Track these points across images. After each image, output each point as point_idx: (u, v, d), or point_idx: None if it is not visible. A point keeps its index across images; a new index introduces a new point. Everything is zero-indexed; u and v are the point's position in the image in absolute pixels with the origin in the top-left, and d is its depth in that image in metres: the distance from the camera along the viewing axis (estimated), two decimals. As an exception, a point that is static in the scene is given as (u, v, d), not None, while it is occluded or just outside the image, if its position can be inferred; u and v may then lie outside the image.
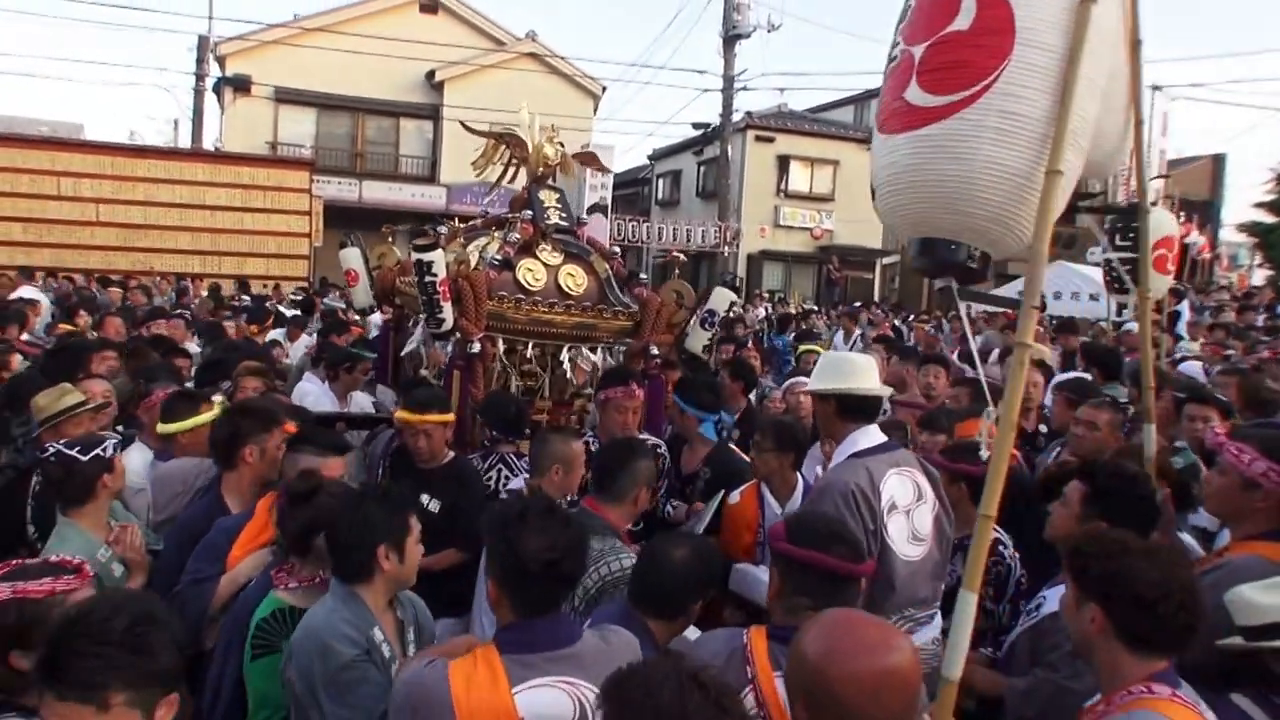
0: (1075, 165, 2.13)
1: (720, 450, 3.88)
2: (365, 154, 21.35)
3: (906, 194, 2.23)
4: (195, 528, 2.71)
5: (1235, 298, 16.63)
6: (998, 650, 2.70)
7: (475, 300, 3.78)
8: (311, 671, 1.94)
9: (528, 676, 1.70)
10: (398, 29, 20.02)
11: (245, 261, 15.08)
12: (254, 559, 2.54)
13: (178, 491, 3.10)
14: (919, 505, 2.68)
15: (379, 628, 2.06)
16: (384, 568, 2.06)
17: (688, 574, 2.14)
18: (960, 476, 2.99)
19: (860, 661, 1.36)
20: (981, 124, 2.03)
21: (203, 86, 19.75)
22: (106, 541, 2.63)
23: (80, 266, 13.37)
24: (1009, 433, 1.99)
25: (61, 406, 3.25)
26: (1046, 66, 2.01)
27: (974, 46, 2.04)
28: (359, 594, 2.06)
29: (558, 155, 4.36)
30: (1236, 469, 2.40)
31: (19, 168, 13.96)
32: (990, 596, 2.86)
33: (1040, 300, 2.19)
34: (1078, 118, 2.04)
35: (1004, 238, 2.15)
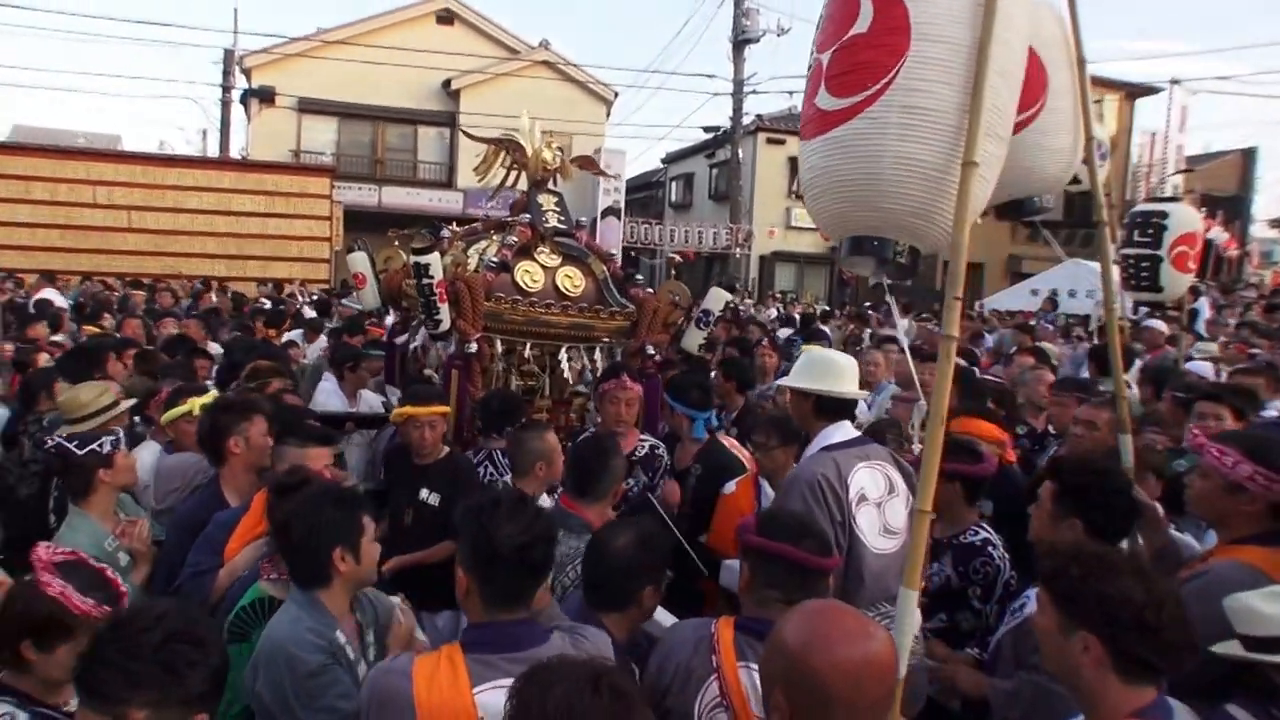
0: (996, 155, 2.12)
1: (711, 446, 3.91)
2: (384, 160, 21.83)
3: (827, 196, 2.25)
4: (194, 519, 2.79)
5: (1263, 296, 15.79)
6: (984, 651, 2.65)
7: (472, 302, 3.86)
8: (281, 683, 1.91)
9: (489, 676, 1.68)
10: (415, 40, 20.55)
11: (269, 265, 15.43)
12: (250, 550, 2.58)
13: (176, 486, 3.22)
14: (890, 499, 2.67)
15: (340, 630, 2.05)
16: (340, 570, 2.04)
17: (630, 562, 2.11)
18: (955, 476, 2.87)
19: (842, 650, 1.37)
20: (885, 121, 2.05)
21: (229, 98, 20.46)
22: (114, 533, 2.72)
23: (114, 270, 13.83)
24: (938, 428, 1.96)
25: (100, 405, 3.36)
26: (947, 59, 2.01)
27: (874, 47, 2.06)
28: (319, 599, 2.05)
29: (556, 160, 4.43)
30: (1219, 472, 2.30)
31: (58, 177, 14.47)
32: (978, 596, 2.86)
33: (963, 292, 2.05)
34: (992, 108, 2.02)
35: (928, 231, 2.15)
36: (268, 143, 20.20)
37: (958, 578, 2.88)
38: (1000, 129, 2.12)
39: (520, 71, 21.99)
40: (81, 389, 3.42)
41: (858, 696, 1.36)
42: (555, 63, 22.50)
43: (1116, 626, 1.57)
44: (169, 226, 15.04)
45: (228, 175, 15.89)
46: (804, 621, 1.44)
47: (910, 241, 2.21)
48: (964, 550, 2.90)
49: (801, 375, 2.85)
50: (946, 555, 2.91)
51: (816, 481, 2.54)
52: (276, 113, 20.48)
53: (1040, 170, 2.75)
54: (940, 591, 2.89)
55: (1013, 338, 9.47)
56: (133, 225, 14.83)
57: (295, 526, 2.04)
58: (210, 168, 16.47)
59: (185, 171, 15.59)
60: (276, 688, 1.91)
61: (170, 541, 2.86)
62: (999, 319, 12.72)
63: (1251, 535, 2.27)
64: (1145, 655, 1.57)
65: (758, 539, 1.94)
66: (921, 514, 1.92)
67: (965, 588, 2.88)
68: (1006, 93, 2.12)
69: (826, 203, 2.26)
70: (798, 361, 3.07)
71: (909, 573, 1.88)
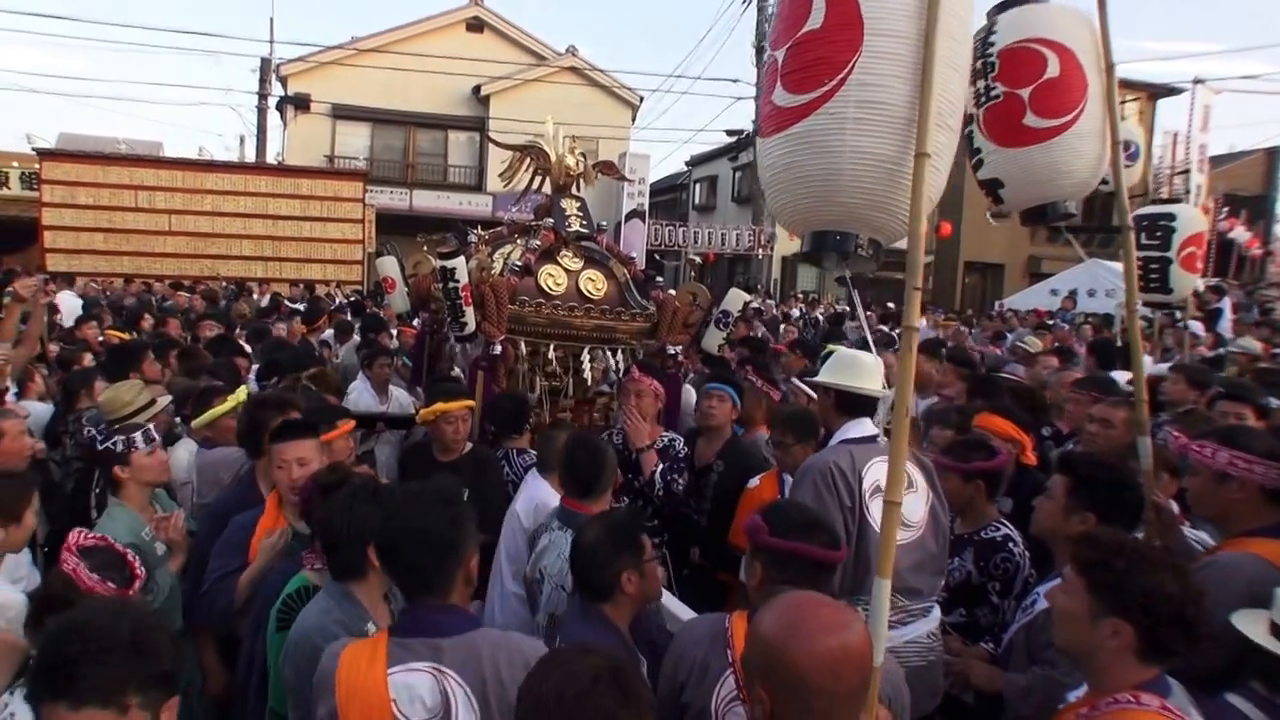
0: (948, 145, 2.14)
1: (734, 444, 3.96)
2: (416, 165, 22.16)
3: (787, 192, 2.25)
4: (228, 509, 2.91)
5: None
6: (999, 646, 2.67)
7: (497, 305, 3.95)
8: (304, 672, 1.96)
9: (405, 659, 1.72)
10: (446, 47, 20.88)
11: (303, 267, 15.82)
12: (264, 547, 2.66)
13: (220, 478, 3.34)
14: (908, 492, 2.58)
15: (373, 623, 2.09)
16: (375, 564, 2.07)
17: (600, 550, 2.16)
18: (975, 474, 2.95)
19: (819, 640, 1.38)
20: (842, 116, 2.05)
21: (265, 105, 20.83)
22: (150, 526, 2.84)
23: (154, 273, 14.32)
24: (903, 419, 1.98)
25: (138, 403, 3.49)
26: (899, 53, 2.02)
27: (827, 43, 2.06)
28: (352, 591, 2.12)
29: (579, 165, 4.50)
30: (1204, 464, 2.36)
31: (101, 182, 14.93)
32: (997, 592, 2.87)
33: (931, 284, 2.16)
34: (942, 99, 2.03)
35: (888, 223, 2.16)
36: (303, 148, 20.64)
37: (978, 573, 2.89)
38: (951, 120, 2.13)
39: (548, 77, 22.29)
40: (121, 388, 3.55)
41: (836, 685, 1.37)
42: (582, 69, 22.78)
43: (1154, 618, 1.65)
44: (207, 229, 15.44)
45: (264, 180, 16.23)
46: (782, 613, 1.46)
47: (870, 234, 2.21)
48: (985, 546, 2.92)
49: (826, 372, 2.90)
50: (968, 551, 2.92)
51: (828, 469, 2.56)
52: (311, 119, 20.94)
53: (1073, 173, 2.79)
54: (960, 587, 2.90)
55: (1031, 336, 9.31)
56: (173, 229, 15.24)
57: (334, 520, 2.12)
58: (247, 172, 16.82)
59: (223, 176, 15.98)
60: (301, 676, 1.98)
61: (203, 530, 2.97)
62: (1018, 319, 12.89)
63: (1257, 529, 2.29)
64: (1176, 645, 1.65)
65: (769, 539, 1.97)
66: (891, 505, 1.91)
67: (985, 583, 2.89)
68: (957, 84, 2.14)
69: (787, 199, 2.27)
70: (826, 359, 3.11)
71: (882, 562, 1.88)
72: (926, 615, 2.63)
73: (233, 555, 2.69)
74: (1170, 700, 1.65)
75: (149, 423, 3.12)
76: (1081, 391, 4.17)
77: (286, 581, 2.36)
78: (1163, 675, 1.70)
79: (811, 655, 1.37)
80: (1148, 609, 1.66)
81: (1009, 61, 2.82)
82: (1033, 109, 2.78)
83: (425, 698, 1.70)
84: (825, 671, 1.37)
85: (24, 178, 16.71)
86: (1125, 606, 1.68)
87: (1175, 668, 1.75)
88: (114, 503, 2.87)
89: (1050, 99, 2.76)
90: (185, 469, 3.53)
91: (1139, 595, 1.67)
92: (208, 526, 2.94)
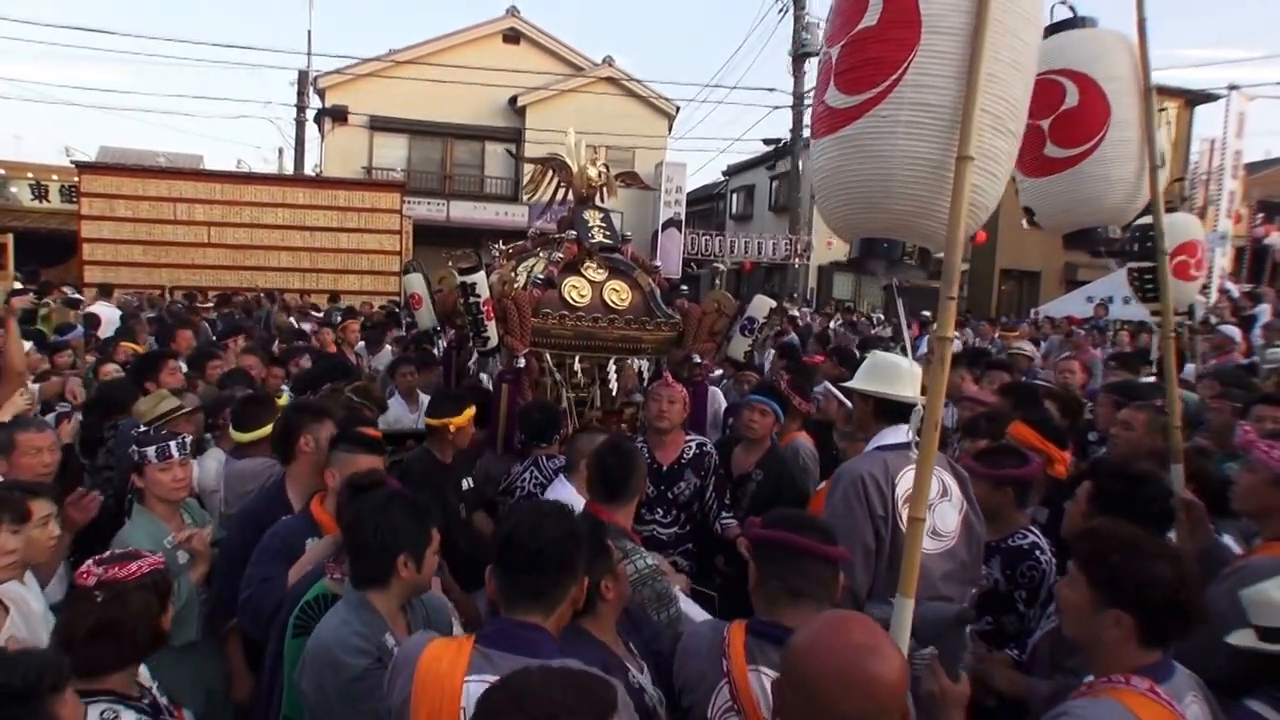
0: (1006, 151, 2.05)
1: (773, 452, 3.96)
2: (453, 176, 22.42)
3: (836, 197, 2.19)
4: (257, 515, 2.91)
5: None
6: (1023, 652, 2.68)
7: (520, 318, 3.96)
8: (324, 685, 1.97)
9: (484, 670, 1.69)
10: (482, 59, 21.13)
11: (340, 278, 15.88)
12: (318, 547, 2.62)
13: (249, 488, 3.34)
14: (942, 501, 2.65)
15: (390, 633, 2.07)
16: (402, 575, 2.08)
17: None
18: (1006, 481, 2.94)
19: (840, 658, 1.36)
20: (894, 119, 1.97)
21: (303, 117, 21.23)
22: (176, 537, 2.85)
23: (192, 285, 14.42)
24: (933, 432, 1.93)
25: (157, 411, 3.58)
26: (956, 52, 1.92)
27: (883, 41, 1.97)
28: (371, 601, 2.09)
29: (601, 176, 4.52)
30: (1266, 465, 2.40)
31: (140, 195, 15.07)
32: (1024, 600, 2.85)
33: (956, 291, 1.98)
34: (998, 100, 1.95)
35: (937, 231, 2.05)
36: (341, 160, 21.02)
37: (1005, 581, 2.87)
38: (1012, 124, 2.03)
39: (584, 88, 22.41)
40: (147, 398, 3.64)
41: (845, 705, 1.34)
42: (618, 79, 22.86)
43: (1150, 607, 1.73)
44: (245, 241, 15.58)
45: (302, 191, 16.32)
46: (815, 628, 1.45)
47: (920, 242, 2.14)
48: (1013, 553, 2.90)
49: (863, 378, 2.89)
50: (995, 559, 2.89)
51: (860, 478, 2.55)
52: (349, 131, 21.32)
53: (1101, 200, 2.80)
54: (988, 595, 2.87)
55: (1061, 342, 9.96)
56: (211, 240, 15.40)
57: (365, 525, 2.08)
58: (285, 184, 16.96)
59: (261, 188, 16.08)
60: (320, 688, 1.98)
61: (231, 535, 2.98)
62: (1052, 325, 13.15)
63: None
64: (1174, 630, 1.74)
65: (756, 531, 1.97)
66: (915, 521, 1.87)
67: (1012, 591, 2.86)
68: (1018, 84, 2.02)
69: (836, 203, 2.20)
70: (863, 365, 3.09)
71: (904, 581, 1.84)
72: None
73: (273, 562, 2.67)
74: (1167, 684, 1.70)
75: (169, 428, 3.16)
76: (1108, 396, 4.32)
77: (307, 587, 2.36)
78: (1165, 660, 1.76)
79: (826, 672, 1.35)
80: (1144, 598, 1.73)
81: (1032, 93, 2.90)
82: (1052, 139, 2.82)
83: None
84: (834, 690, 1.34)
85: (63, 191, 16.84)
86: (1124, 597, 1.75)
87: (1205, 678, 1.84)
88: (138, 510, 2.91)
89: (1069, 129, 2.80)
90: (215, 478, 3.57)
91: (1134, 586, 1.74)
92: (236, 532, 2.95)
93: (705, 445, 3.90)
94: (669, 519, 3.81)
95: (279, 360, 5.70)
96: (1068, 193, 2.84)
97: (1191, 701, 1.74)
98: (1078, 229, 2.93)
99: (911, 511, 1.90)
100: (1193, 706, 1.74)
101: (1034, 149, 2.84)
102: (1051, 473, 3.45)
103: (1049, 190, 2.89)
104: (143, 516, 2.89)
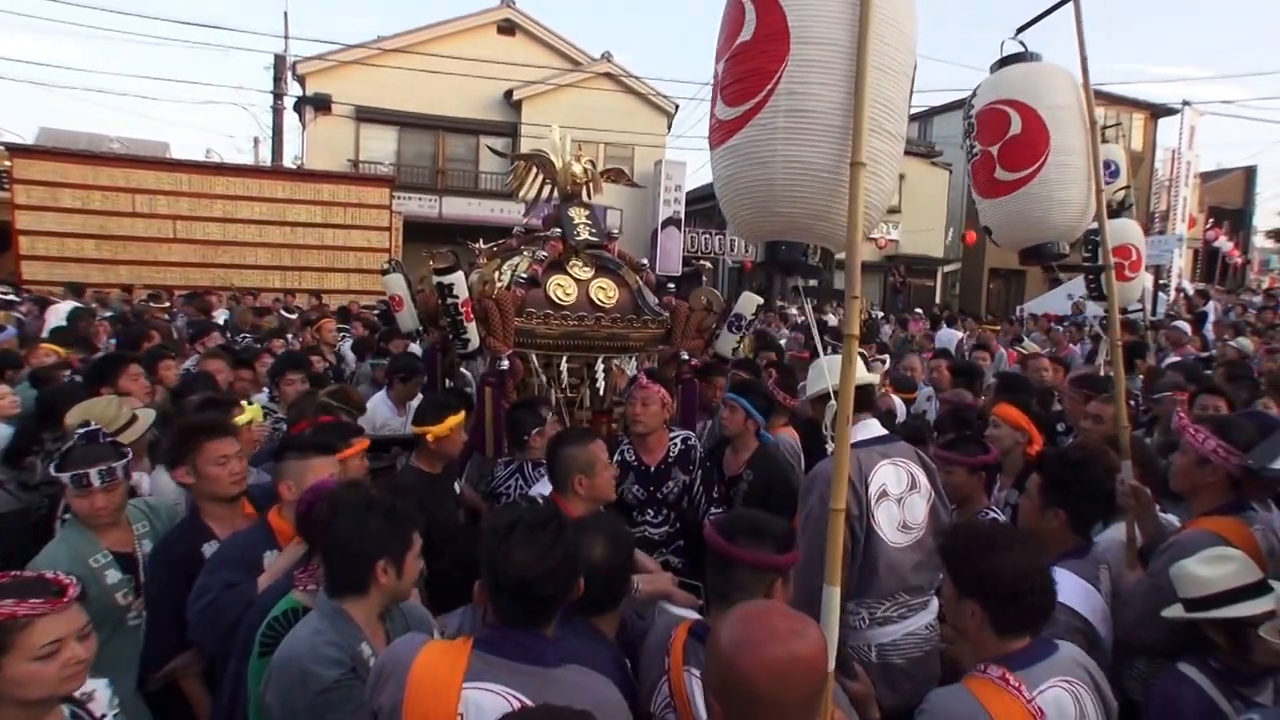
0: (886, 152, 2.14)
1: (763, 453, 3.95)
2: (446, 170, 21.89)
3: (733, 204, 2.28)
4: (174, 549, 2.71)
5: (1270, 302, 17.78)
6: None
7: (501, 318, 3.84)
8: (291, 697, 1.89)
9: (483, 676, 1.66)
10: (477, 50, 20.53)
11: (325, 277, 15.26)
12: (284, 555, 2.51)
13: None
14: (911, 494, 2.84)
15: (367, 643, 2.00)
16: (381, 582, 2.03)
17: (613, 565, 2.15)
18: (980, 467, 3.23)
19: (768, 649, 1.38)
20: (773, 126, 2.08)
21: (281, 105, 19.96)
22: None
23: (157, 283, 13.36)
24: (845, 426, 1.99)
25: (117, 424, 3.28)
26: (827, 60, 2.03)
27: (757, 54, 2.10)
28: (347, 610, 2.01)
29: (586, 174, 4.41)
30: (1193, 447, 2.64)
31: (91, 184, 13.73)
32: None
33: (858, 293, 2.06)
34: (876, 105, 2.04)
35: (832, 232, 2.17)
36: (324, 152, 20.14)
37: None
38: (889, 125, 2.12)
39: (582, 83, 21.90)
40: (94, 405, 3.35)
41: (785, 694, 1.37)
42: (617, 75, 22.39)
43: (996, 597, 1.84)
44: (218, 237, 14.64)
45: (282, 184, 15.48)
46: (734, 624, 1.46)
47: (817, 242, 2.23)
48: None
49: (810, 383, 3.10)
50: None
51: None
52: (333, 121, 20.48)
53: (1050, 220, 3.08)
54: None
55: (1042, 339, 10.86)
56: (178, 235, 14.38)
57: (342, 531, 2.02)
58: (263, 177, 15.73)
59: (235, 180, 15.06)
60: (286, 702, 1.89)
61: (151, 574, 2.73)
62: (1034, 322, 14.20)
63: (1216, 507, 2.59)
64: (1011, 619, 1.85)
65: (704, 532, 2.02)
66: (835, 512, 1.92)
67: None
68: (893, 88, 2.12)
69: (734, 209, 2.30)
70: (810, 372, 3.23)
71: (829, 570, 1.88)
72: (925, 608, 2.84)
73: (235, 569, 2.51)
74: (1024, 671, 1.79)
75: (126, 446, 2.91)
76: (1076, 390, 4.59)
77: (273, 602, 2.23)
78: (1031, 647, 1.85)
79: (760, 665, 1.37)
80: (989, 589, 1.84)
81: (982, 122, 3.20)
82: (1001, 164, 3.12)
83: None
84: (773, 680, 1.37)
85: (-8, 175, 14.62)
86: (972, 588, 1.88)
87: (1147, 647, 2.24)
88: (70, 524, 2.72)
89: (1015, 154, 3.09)
90: (174, 491, 3.31)
91: (978, 577, 1.87)
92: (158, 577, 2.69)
93: (690, 439, 3.86)
94: (659, 519, 3.76)
95: (247, 362, 5.44)
96: (1018, 213, 3.11)
97: (1052, 687, 1.80)
98: (1030, 245, 3.20)
99: (833, 504, 1.94)
100: (1052, 692, 1.79)
101: (987, 173, 3.15)
102: (1029, 453, 3.65)
103: (1002, 210, 3.17)
104: (73, 531, 2.70)
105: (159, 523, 2.92)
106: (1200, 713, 2.04)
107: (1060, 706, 1.78)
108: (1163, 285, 15.30)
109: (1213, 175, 29.15)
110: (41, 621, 1.74)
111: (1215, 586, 2.08)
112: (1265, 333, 10.38)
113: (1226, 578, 2.08)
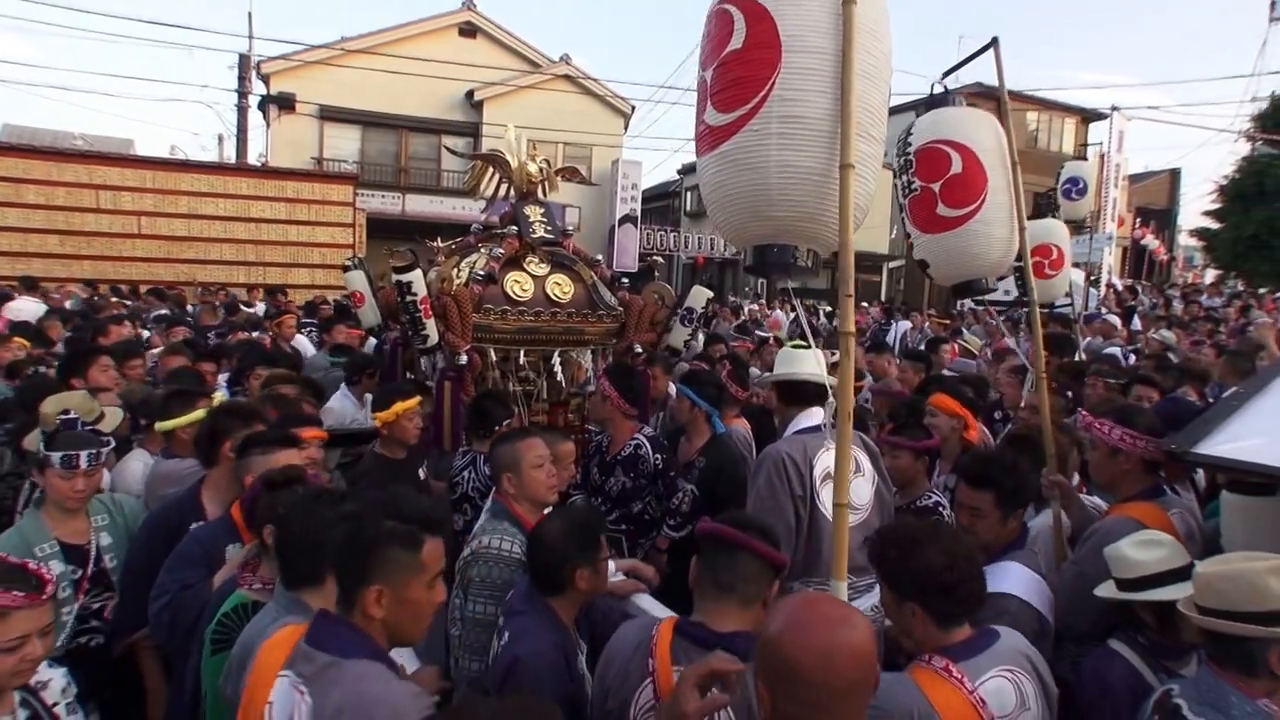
0: (870, 154, 2.22)
1: (716, 441, 4.06)
2: (409, 169, 21.98)
3: (724, 209, 2.31)
4: (168, 524, 2.75)
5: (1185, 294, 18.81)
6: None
7: (460, 315, 3.94)
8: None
9: (294, 664, 1.65)
10: (438, 51, 20.58)
11: (289, 272, 15.28)
12: (240, 554, 2.46)
13: (171, 490, 3.14)
14: (855, 477, 2.86)
15: None
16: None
17: (557, 547, 2.19)
18: (924, 452, 3.40)
19: (813, 634, 1.39)
20: (766, 132, 2.13)
21: (245, 104, 19.93)
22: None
23: (121, 278, 13.46)
24: (846, 423, 2.03)
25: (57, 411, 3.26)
26: (817, 68, 2.10)
27: (749, 62, 2.14)
28: (304, 601, 1.97)
29: (541, 173, 4.52)
30: (1102, 440, 2.75)
31: (54, 180, 13.77)
32: None
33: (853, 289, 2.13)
34: (861, 110, 2.12)
35: (821, 234, 2.23)
36: (289, 150, 20.22)
37: None
38: (872, 129, 2.22)
39: (542, 84, 22.19)
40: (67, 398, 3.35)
41: (830, 678, 1.36)
42: (575, 76, 22.71)
43: (929, 592, 1.88)
44: (182, 232, 14.63)
45: (246, 181, 15.46)
46: (785, 610, 1.47)
47: (806, 245, 2.29)
48: (921, 513, 3.21)
49: (779, 365, 3.19)
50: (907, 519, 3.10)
51: (781, 459, 2.82)
52: (297, 120, 20.56)
53: (985, 255, 3.17)
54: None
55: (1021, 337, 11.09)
56: (142, 231, 14.35)
57: (293, 523, 2.00)
58: (228, 174, 15.57)
59: (199, 177, 15.04)
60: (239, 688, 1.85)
61: (138, 546, 2.80)
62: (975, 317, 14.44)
63: (1134, 494, 2.71)
64: (956, 607, 1.89)
65: (703, 525, 1.98)
66: (840, 508, 2.00)
67: None
68: (874, 93, 2.21)
69: (725, 215, 2.33)
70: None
71: (835, 564, 1.98)
72: (871, 590, 2.81)
73: (193, 568, 2.51)
74: (966, 662, 1.84)
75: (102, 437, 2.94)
76: (1013, 378, 4.84)
77: (221, 601, 2.22)
78: (974, 638, 1.90)
79: (804, 647, 1.37)
80: (921, 585, 1.89)
81: (923, 159, 3.22)
82: (943, 200, 3.16)
83: (278, 713, 1.62)
84: (818, 662, 1.36)
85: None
86: (908, 589, 1.92)
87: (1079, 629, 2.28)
88: (30, 512, 2.75)
89: (956, 192, 3.13)
90: (137, 481, 3.38)
91: (910, 577, 1.91)
92: (144, 542, 2.76)
93: (643, 448, 3.85)
94: (605, 508, 3.86)
95: (211, 355, 5.50)
96: (957, 248, 3.16)
97: (993, 678, 1.84)
98: (963, 280, 3.29)
99: (836, 499, 2.02)
100: (993, 682, 1.83)
101: (928, 209, 3.18)
102: (966, 438, 3.87)
103: (940, 246, 3.20)
104: (29, 518, 2.72)
105: (120, 517, 2.94)
106: (1129, 685, 2.11)
107: (1001, 695, 1.82)
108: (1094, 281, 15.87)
109: (1140, 177, 30.92)
110: (17, 615, 1.74)
111: (1147, 569, 2.16)
112: (1188, 326, 10.95)
113: (1158, 561, 2.16)
